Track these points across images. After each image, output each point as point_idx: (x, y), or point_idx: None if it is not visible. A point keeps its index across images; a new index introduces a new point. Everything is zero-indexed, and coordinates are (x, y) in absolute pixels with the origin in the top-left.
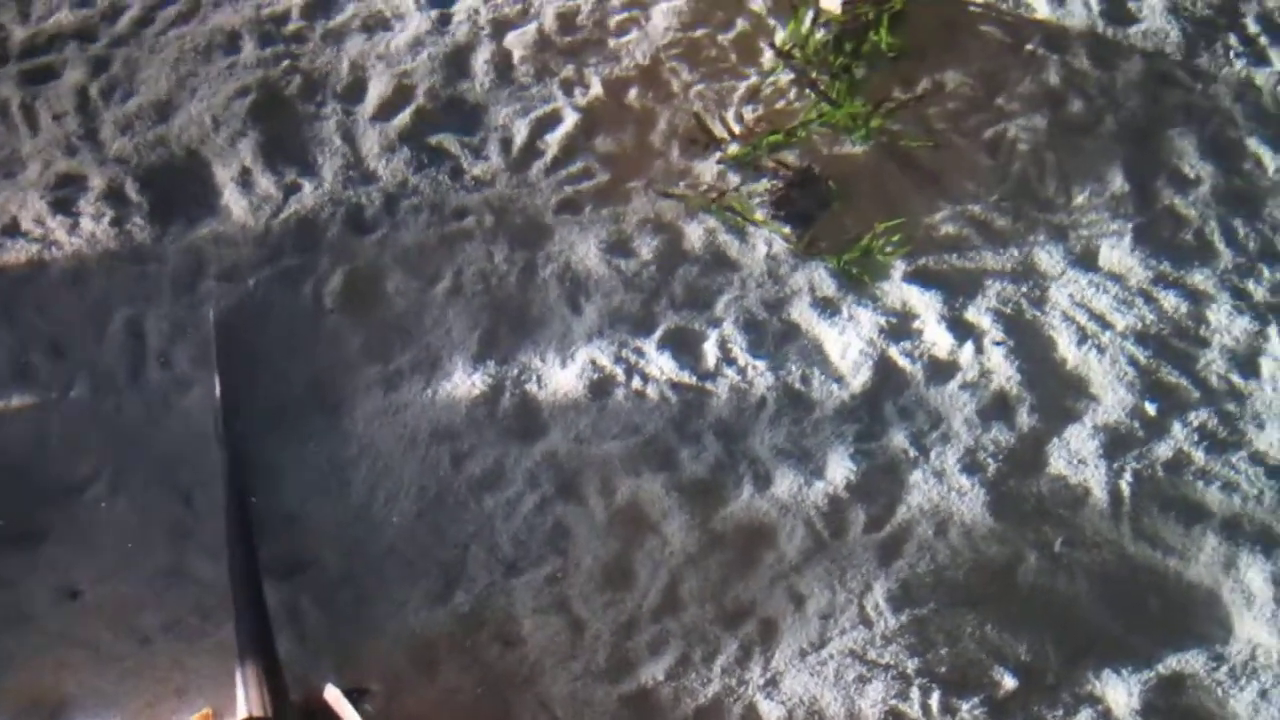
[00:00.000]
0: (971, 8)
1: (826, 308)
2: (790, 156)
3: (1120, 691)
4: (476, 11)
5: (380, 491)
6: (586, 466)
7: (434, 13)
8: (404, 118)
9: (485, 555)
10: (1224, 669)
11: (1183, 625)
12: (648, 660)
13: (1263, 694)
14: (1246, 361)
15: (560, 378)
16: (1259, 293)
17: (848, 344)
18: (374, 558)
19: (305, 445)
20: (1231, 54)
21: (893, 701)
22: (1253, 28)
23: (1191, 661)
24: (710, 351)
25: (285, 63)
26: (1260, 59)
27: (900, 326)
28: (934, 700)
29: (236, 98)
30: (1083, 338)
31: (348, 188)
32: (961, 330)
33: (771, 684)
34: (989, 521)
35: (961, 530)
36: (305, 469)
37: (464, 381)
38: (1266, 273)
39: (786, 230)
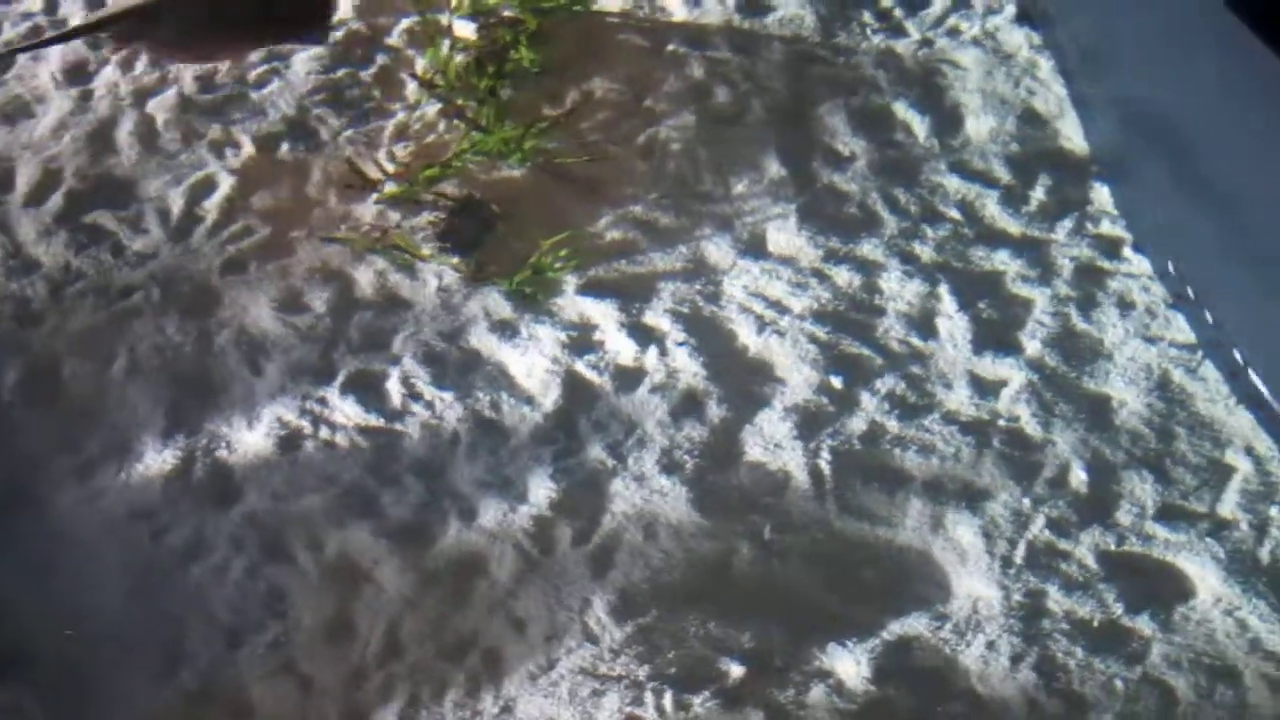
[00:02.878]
0: (609, 19)
1: (505, 330)
2: (449, 187)
3: (849, 663)
4: (116, 84)
5: (87, 579)
6: (288, 524)
7: (74, 90)
8: (56, 200)
9: (203, 628)
10: (948, 627)
11: (901, 591)
12: (378, 707)
13: (990, 645)
14: (923, 323)
15: (249, 439)
16: (926, 254)
17: (532, 364)
18: (91, 646)
19: (4, 545)
20: (868, 30)
21: (628, 709)
22: (885, 2)
23: (915, 624)
24: (394, 390)
25: None
26: (897, 30)
27: (582, 339)
28: (667, 700)
29: None
30: (761, 325)
31: (10, 279)
32: (642, 335)
33: (506, 711)
34: (696, 518)
35: (670, 531)
36: (7, 568)
37: (155, 458)
38: (930, 232)
39: (455, 260)
